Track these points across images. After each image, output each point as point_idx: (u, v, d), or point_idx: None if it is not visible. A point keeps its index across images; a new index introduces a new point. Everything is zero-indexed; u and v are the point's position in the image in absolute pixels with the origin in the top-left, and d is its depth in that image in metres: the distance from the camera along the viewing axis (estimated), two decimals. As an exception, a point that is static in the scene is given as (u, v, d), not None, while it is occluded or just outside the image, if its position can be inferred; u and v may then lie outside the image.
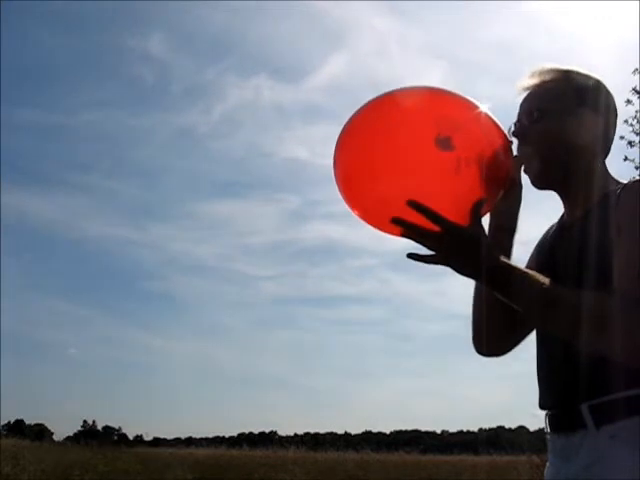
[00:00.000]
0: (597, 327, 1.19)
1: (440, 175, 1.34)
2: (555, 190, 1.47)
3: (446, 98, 1.44)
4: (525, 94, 1.47)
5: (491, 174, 1.36)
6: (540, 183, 1.45)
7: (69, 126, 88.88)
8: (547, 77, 1.45)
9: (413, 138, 1.36)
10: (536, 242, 1.60)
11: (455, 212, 1.31)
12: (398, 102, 1.42)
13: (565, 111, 1.41)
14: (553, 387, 1.40)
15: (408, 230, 1.27)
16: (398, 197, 1.31)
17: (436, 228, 1.26)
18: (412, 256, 1.28)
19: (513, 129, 1.44)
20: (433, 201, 1.29)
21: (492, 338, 1.53)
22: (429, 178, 1.34)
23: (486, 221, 1.43)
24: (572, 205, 1.45)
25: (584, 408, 1.30)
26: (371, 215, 1.43)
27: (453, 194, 1.34)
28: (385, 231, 1.40)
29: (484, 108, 1.42)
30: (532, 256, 1.58)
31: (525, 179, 1.46)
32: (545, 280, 1.26)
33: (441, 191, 1.33)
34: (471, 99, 1.43)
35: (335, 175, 1.43)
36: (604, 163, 1.45)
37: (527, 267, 1.56)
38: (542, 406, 1.44)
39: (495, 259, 1.27)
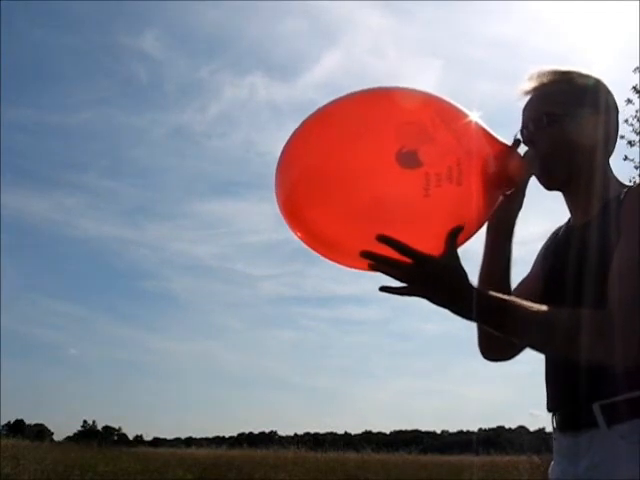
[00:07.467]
0: (593, 343, 1.18)
1: (404, 198, 1.13)
2: (562, 191, 1.47)
3: (416, 102, 1.20)
4: (527, 98, 1.46)
5: (475, 191, 1.19)
6: (548, 184, 1.44)
7: (65, 125, 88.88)
8: (547, 80, 1.44)
9: (368, 154, 1.13)
10: (540, 244, 1.59)
11: (425, 240, 1.14)
12: (351, 109, 1.19)
13: (569, 113, 1.41)
14: (563, 388, 1.40)
15: (376, 263, 1.16)
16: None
17: (406, 259, 1.16)
18: (384, 289, 1.20)
19: (520, 136, 1.41)
20: (398, 230, 1.11)
21: (497, 343, 1.51)
22: (391, 203, 1.13)
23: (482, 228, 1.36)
24: (577, 207, 1.45)
25: (596, 407, 1.29)
26: (322, 245, 1.24)
27: (422, 219, 1.15)
28: (345, 265, 1.24)
29: (473, 116, 1.24)
30: (538, 258, 1.57)
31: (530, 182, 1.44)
32: (528, 305, 1.22)
33: (407, 217, 1.14)
34: (456, 104, 1.24)
35: (276, 199, 1.22)
36: (608, 163, 1.44)
37: (532, 270, 1.56)
38: (550, 408, 1.44)
39: (470, 290, 1.19)
